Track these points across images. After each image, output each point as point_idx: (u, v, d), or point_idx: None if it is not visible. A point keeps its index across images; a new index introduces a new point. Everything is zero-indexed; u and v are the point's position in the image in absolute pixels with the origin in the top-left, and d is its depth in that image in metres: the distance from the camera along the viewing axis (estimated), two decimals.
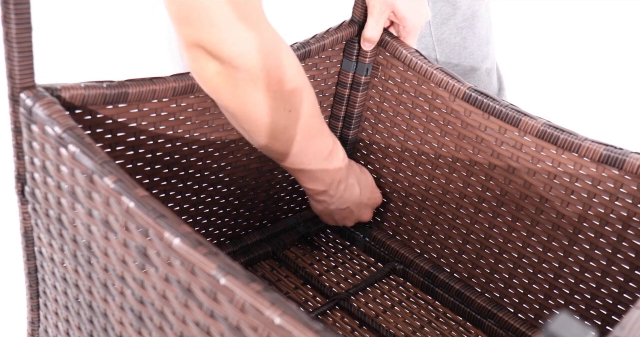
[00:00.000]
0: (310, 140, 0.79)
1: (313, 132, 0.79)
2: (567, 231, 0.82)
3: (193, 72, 0.70)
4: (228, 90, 0.69)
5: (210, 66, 0.67)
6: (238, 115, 0.73)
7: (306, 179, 0.85)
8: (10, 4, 0.56)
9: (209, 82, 0.69)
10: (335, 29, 0.90)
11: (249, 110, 0.72)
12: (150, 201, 0.53)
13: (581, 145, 0.78)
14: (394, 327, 0.89)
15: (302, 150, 0.80)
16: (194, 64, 0.68)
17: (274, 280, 0.94)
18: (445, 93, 0.87)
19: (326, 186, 0.86)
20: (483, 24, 1.23)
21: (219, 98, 0.71)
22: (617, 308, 0.80)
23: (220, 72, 0.67)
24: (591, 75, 1.91)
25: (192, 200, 0.87)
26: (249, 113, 0.72)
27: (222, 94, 0.70)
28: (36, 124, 0.61)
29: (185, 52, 0.68)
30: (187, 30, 0.65)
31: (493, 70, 1.30)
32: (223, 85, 0.69)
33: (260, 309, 0.46)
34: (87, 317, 0.67)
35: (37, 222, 0.68)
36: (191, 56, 0.67)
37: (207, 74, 0.68)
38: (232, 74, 0.68)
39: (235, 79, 0.68)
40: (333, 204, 0.90)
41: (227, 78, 0.68)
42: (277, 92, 0.71)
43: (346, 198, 0.91)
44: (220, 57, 0.66)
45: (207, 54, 0.66)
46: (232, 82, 0.68)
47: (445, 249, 0.94)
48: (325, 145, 0.82)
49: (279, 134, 0.75)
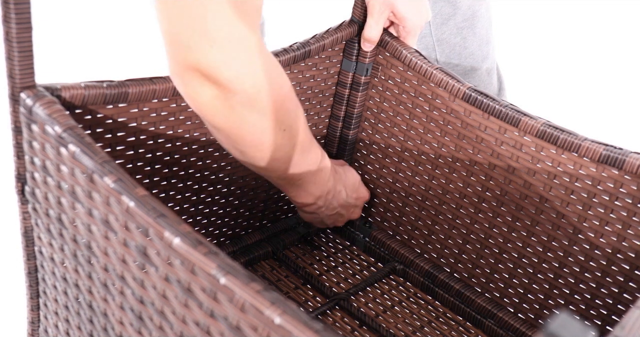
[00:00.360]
0: (303, 154, 0.79)
1: (305, 147, 0.79)
2: (567, 231, 0.82)
3: (187, 97, 0.68)
4: (224, 113, 0.68)
5: (205, 90, 0.66)
6: (233, 137, 0.72)
7: (296, 193, 0.85)
8: (11, 3, 0.56)
9: (204, 107, 0.68)
10: (335, 29, 0.90)
11: (246, 131, 0.71)
12: (150, 200, 0.53)
13: (581, 145, 0.78)
14: (394, 327, 0.89)
15: (296, 166, 0.79)
16: (188, 89, 0.67)
17: (274, 280, 0.94)
18: (445, 93, 0.87)
19: (315, 198, 0.87)
20: (483, 24, 1.23)
21: (214, 121, 0.70)
22: (617, 308, 0.80)
23: (216, 96, 0.66)
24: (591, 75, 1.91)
25: (192, 200, 0.87)
26: (245, 135, 0.71)
27: (217, 117, 0.69)
28: (36, 123, 0.61)
29: (178, 79, 0.67)
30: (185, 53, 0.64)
31: (493, 70, 1.30)
32: (219, 108, 0.68)
33: (260, 309, 0.46)
34: (87, 317, 0.67)
35: (37, 221, 0.68)
36: (185, 82, 0.66)
37: (202, 98, 0.67)
38: (228, 97, 0.67)
39: (232, 102, 0.67)
40: (322, 213, 0.91)
41: (224, 102, 0.67)
42: (273, 113, 0.71)
43: (334, 204, 0.91)
44: (217, 79, 0.65)
45: (202, 77, 0.65)
46: (228, 105, 0.67)
47: (445, 249, 0.94)
48: (316, 156, 0.83)
49: (274, 153, 0.75)
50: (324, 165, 0.84)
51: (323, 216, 0.92)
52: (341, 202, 0.92)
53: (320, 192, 0.86)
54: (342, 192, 0.91)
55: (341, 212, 0.94)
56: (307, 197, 0.86)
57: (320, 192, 0.86)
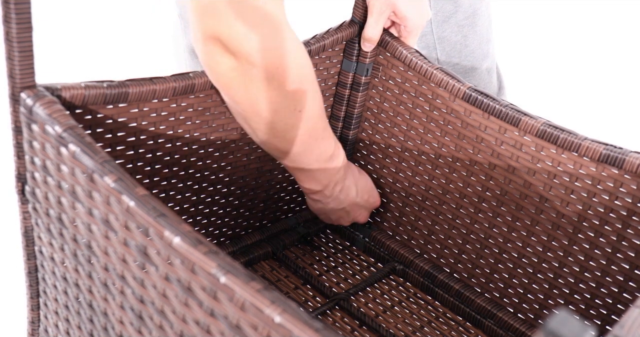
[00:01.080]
0: (316, 141, 0.80)
1: (318, 133, 0.80)
2: (566, 230, 0.82)
3: (206, 67, 0.69)
4: (241, 86, 0.69)
5: (225, 61, 0.67)
6: (247, 112, 0.72)
7: (304, 177, 0.85)
8: (11, 3, 0.56)
9: (222, 77, 0.69)
10: (336, 30, 0.90)
11: (260, 107, 0.72)
12: (150, 200, 0.53)
13: (581, 144, 0.78)
14: (394, 327, 0.89)
15: (306, 151, 0.80)
16: (208, 58, 0.68)
17: (274, 280, 0.94)
18: (445, 93, 0.87)
19: (322, 186, 0.87)
20: (484, 23, 1.23)
21: (230, 93, 0.71)
22: (617, 308, 0.80)
23: (235, 68, 0.67)
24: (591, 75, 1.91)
25: (192, 200, 0.87)
26: (259, 110, 0.72)
27: (233, 90, 0.70)
28: (36, 123, 0.61)
29: (201, 45, 0.67)
30: (209, 22, 0.65)
31: (493, 69, 1.30)
32: (236, 80, 0.69)
33: (260, 308, 0.46)
34: (87, 317, 0.67)
35: (37, 221, 0.68)
36: (206, 50, 0.67)
37: (221, 68, 0.68)
38: (247, 70, 0.67)
39: (250, 75, 0.68)
40: (329, 204, 0.91)
41: (242, 74, 0.68)
42: (290, 92, 0.71)
43: (342, 199, 0.91)
44: (238, 52, 0.66)
45: (223, 48, 0.66)
46: (246, 78, 0.68)
47: (445, 249, 0.94)
48: (329, 147, 0.83)
49: (286, 132, 0.76)
50: (336, 156, 0.85)
51: (329, 209, 0.92)
52: (350, 199, 0.92)
53: (328, 181, 0.87)
54: (351, 189, 0.91)
55: (347, 210, 0.94)
56: (314, 184, 0.86)
57: (328, 181, 0.87)
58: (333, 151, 0.84)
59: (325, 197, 0.89)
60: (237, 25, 0.65)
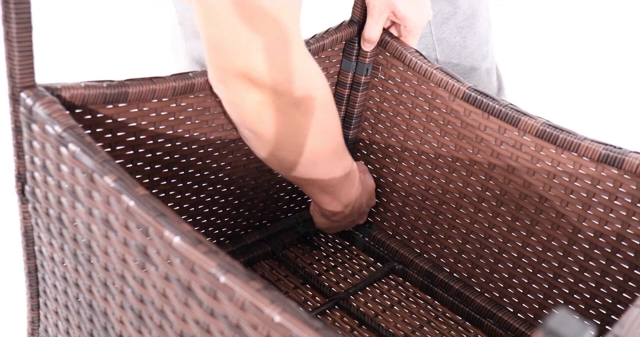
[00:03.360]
0: (339, 159, 0.79)
1: (340, 152, 0.78)
2: (566, 230, 0.82)
3: (232, 105, 0.67)
4: (272, 117, 0.67)
5: (251, 96, 0.65)
6: (275, 142, 0.70)
7: (328, 200, 0.85)
8: (11, 3, 0.56)
9: (250, 112, 0.67)
10: (335, 29, 0.90)
11: (289, 135, 0.70)
12: (150, 199, 0.53)
13: (580, 144, 0.78)
14: (393, 327, 0.89)
15: (331, 172, 0.79)
16: (233, 96, 0.66)
17: (274, 280, 0.94)
18: (445, 93, 0.87)
19: (344, 207, 0.87)
20: (483, 24, 1.23)
21: (258, 127, 0.68)
22: (617, 307, 0.80)
23: (262, 101, 0.65)
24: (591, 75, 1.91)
25: (192, 200, 0.87)
26: (288, 138, 0.70)
27: (263, 123, 0.67)
28: (36, 123, 0.61)
29: (222, 86, 0.65)
30: (231, 59, 0.63)
31: (493, 70, 1.30)
32: (265, 113, 0.67)
33: (260, 307, 0.46)
34: (87, 316, 0.67)
35: (37, 221, 0.68)
36: (230, 89, 0.65)
37: (248, 104, 0.66)
38: (275, 100, 0.65)
39: (279, 104, 0.66)
40: (345, 221, 0.91)
41: (271, 105, 0.66)
42: (316, 115, 0.70)
43: (355, 212, 0.92)
44: (263, 84, 0.64)
45: (248, 83, 0.64)
46: (275, 109, 0.66)
47: (445, 249, 0.94)
48: (347, 162, 0.82)
49: (313, 156, 0.74)
50: (353, 171, 0.84)
51: (344, 224, 0.92)
52: (360, 210, 0.93)
53: (349, 200, 0.87)
54: (362, 199, 0.92)
55: (355, 218, 0.95)
56: (337, 205, 0.86)
57: (349, 200, 0.87)
58: (350, 165, 0.83)
59: (345, 217, 0.89)
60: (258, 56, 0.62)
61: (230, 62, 0.63)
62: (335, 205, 0.86)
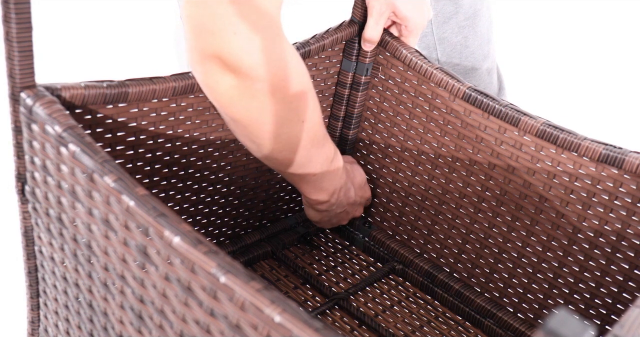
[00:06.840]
0: (319, 148, 0.79)
1: (319, 141, 0.78)
2: (566, 230, 0.82)
3: (206, 87, 0.67)
4: (244, 102, 0.67)
5: (225, 79, 0.65)
6: (251, 128, 0.70)
7: (311, 189, 0.84)
8: (11, 3, 0.56)
9: (224, 96, 0.67)
10: (335, 29, 0.90)
11: (264, 122, 0.70)
12: (150, 199, 0.53)
13: (581, 144, 0.78)
14: (393, 327, 0.89)
15: (311, 160, 0.79)
16: (207, 78, 0.66)
17: (274, 280, 0.94)
18: (445, 93, 0.87)
19: (329, 196, 0.86)
20: (484, 23, 1.24)
21: (232, 112, 0.68)
22: (617, 307, 0.80)
23: (236, 85, 0.65)
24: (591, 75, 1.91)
25: (192, 200, 0.87)
26: (264, 125, 0.70)
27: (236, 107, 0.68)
28: (36, 123, 0.61)
29: (199, 66, 0.65)
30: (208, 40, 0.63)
31: (493, 70, 1.30)
32: (239, 98, 0.67)
33: (260, 307, 0.46)
34: (87, 316, 0.67)
35: (37, 221, 0.68)
36: (205, 70, 0.65)
37: (221, 87, 0.66)
38: (249, 86, 0.65)
39: (253, 90, 0.66)
40: (333, 211, 0.91)
41: (244, 90, 0.66)
42: (292, 103, 0.70)
43: (344, 202, 0.91)
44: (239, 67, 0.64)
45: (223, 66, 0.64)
46: (248, 94, 0.66)
47: (445, 249, 0.94)
48: (329, 151, 0.82)
49: (292, 145, 0.74)
50: (337, 160, 0.84)
51: (332, 215, 0.92)
52: (350, 200, 0.92)
53: (334, 188, 0.86)
54: (350, 190, 0.91)
55: (348, 210, 0.94)
56: (321, 194, 0.86)
57: (334, 188, 0.86)
58: (334, 155, 0.83)
59: (331, 206, 0.89)
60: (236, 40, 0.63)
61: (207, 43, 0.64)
62: (318, 194, 0.85)
